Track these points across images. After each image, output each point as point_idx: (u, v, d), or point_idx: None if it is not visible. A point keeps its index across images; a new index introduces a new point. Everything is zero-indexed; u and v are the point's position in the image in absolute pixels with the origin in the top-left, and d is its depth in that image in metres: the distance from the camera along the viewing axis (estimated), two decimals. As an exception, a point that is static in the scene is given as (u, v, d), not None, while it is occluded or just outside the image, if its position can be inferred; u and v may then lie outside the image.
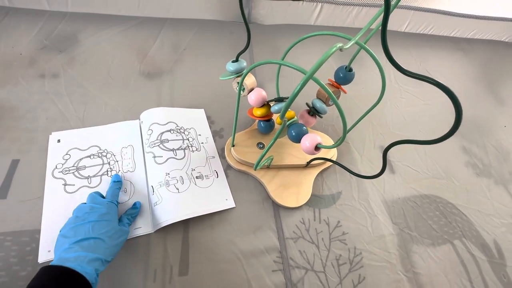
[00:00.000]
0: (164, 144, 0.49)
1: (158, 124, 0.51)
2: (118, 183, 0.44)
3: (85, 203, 0.38)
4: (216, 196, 0.46)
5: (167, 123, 0.52)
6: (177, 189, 0.45)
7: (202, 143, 0.52)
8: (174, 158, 0.48)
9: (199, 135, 0.53)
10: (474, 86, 0.79)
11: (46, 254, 0.38)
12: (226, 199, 0.46)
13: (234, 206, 0.46)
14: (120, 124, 0.52)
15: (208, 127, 0.55)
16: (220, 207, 0.45)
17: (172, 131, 0.51)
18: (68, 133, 0.49)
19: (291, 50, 0.44)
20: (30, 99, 0.52)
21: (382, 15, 0.21)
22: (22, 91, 0.53)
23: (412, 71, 0.22)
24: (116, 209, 0.39)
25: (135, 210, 0.42)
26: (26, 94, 0.53)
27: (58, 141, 0.48)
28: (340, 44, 0.24)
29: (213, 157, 0.51)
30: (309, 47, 0.52)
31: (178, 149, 0.49)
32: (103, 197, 0.41)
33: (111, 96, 0.55)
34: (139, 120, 0.53)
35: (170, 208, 0.43)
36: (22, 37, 0.61)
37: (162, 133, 0.50)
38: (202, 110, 0.57)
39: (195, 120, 0.55)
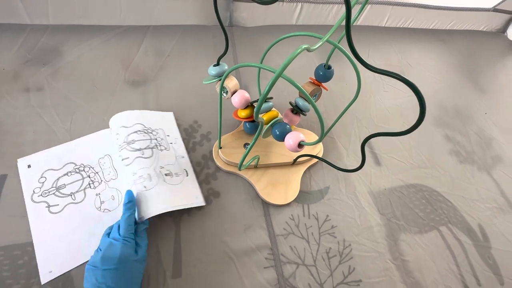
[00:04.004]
0: (130, 145, 0.48)
1: (125, 127, 0.50)
2: (130, 204, 0.40)
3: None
4: (186, 193, 0.46)
5: (133, 125, 0.51)
6: (144, 186, 0.43)
7: (170, 143, 0.52)
8: (141, 157, 0.47)
9: (168, 135, 0.53)
10: (455, 76, 0.81)
11: (48, 275, 0.38)
12: (196, 197, 0.46)
13: (204, 204, 0.46)
14: (92, 136, 0.51)
15: (177, 129, 0.55)
16: (189, 204, 0.45)
17: (139, 132, 0.50)
18: (37, 156, 0.47)
19: (276, 51, 0.45)
20: (15, 113, 0.53)
21: (345, 11, 0.23)
22: (7, 106, 0.53)
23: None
24: (133, 246, 0.36)
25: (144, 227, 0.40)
26: (11, 108, 0.53)
27: (29, 166, 0.46)
28: (306, 46, 0.25)
29: (183, 157, 0.51)
30: (293, 46, 0.53)
31: (145, 148, 0.48)
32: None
33: (97, 106, 0.56)
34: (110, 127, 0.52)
35: (139, 207, 0.42)
36: (4, 52, 0.61)
37: (129, 134, 0.49)
38: (171, 113, 0.57)
39: (164, 122, 0.55)
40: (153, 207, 0.41)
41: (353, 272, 0.43)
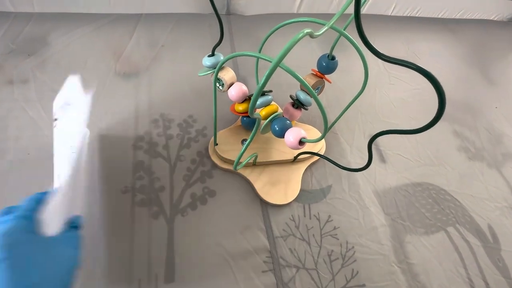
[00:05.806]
0: None
1: None
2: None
3: None
4: None
5: None
6: None
7: None
8: None
9: None
10: (464, 67, 0.77)
11: None
12: None
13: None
14: None
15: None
16: None
17: None
18: None
19: (276, 40, 0.41)
20: (-2, 107, 0.49)
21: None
22: (-11, 100, 0.50)
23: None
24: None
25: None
26: (-6, 102, 0.50)
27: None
28: (308, 30, 0.21)
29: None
30: (294, 35, 0.49)
31: None
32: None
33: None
34: None
35: None
36: (-13, 42, 0.58)
37: None
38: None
39: None
40: None
41: (356, 276, 0.41)
